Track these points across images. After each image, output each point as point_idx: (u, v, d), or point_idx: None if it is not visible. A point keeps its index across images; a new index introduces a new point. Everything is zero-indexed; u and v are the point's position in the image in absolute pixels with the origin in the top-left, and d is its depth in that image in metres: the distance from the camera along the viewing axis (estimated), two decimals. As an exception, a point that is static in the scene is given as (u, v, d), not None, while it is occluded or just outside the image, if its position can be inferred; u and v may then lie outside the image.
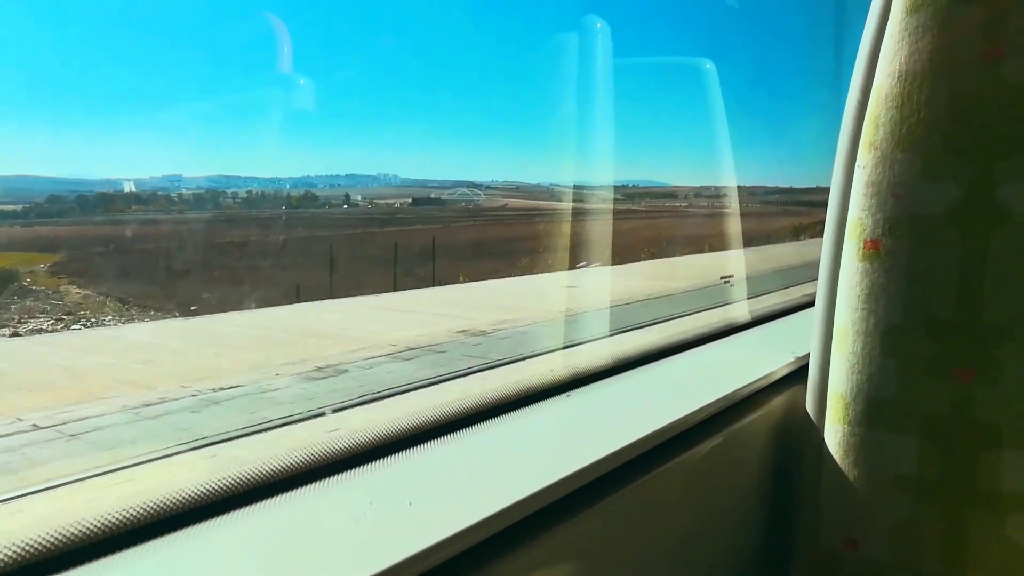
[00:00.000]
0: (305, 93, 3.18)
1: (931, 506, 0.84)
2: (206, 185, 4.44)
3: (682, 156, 8.01)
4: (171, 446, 2.38)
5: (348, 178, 6.64)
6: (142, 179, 3.88)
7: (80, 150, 3.93)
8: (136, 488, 0.51)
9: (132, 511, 0.48)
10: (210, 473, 0.54)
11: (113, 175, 3.78)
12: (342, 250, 5.79)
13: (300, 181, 5.74)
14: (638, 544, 0.74)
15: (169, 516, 0.50)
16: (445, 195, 8.12)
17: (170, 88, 3.71)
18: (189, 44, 3.53)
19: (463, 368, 4.10)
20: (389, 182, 7.34)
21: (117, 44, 3.33)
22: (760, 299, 1.79)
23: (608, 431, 0.74)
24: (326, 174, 6.23)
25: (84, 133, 3.87)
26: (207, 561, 0.47)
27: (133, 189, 3.80)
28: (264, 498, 0.55)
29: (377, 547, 0.49)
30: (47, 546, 0.44)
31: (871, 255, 0.85)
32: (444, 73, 8.24)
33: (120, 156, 3.69)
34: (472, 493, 0.59)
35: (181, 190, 4.14)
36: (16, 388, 3.10)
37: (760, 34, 3.77)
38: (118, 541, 0.47)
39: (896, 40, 0.83)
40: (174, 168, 4.02)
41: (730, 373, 0.97)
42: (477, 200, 8.24)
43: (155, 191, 3.94)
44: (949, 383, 0.82)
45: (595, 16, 2.08)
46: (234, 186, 4.67)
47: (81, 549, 0.45)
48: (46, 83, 3.38)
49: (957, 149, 0.80)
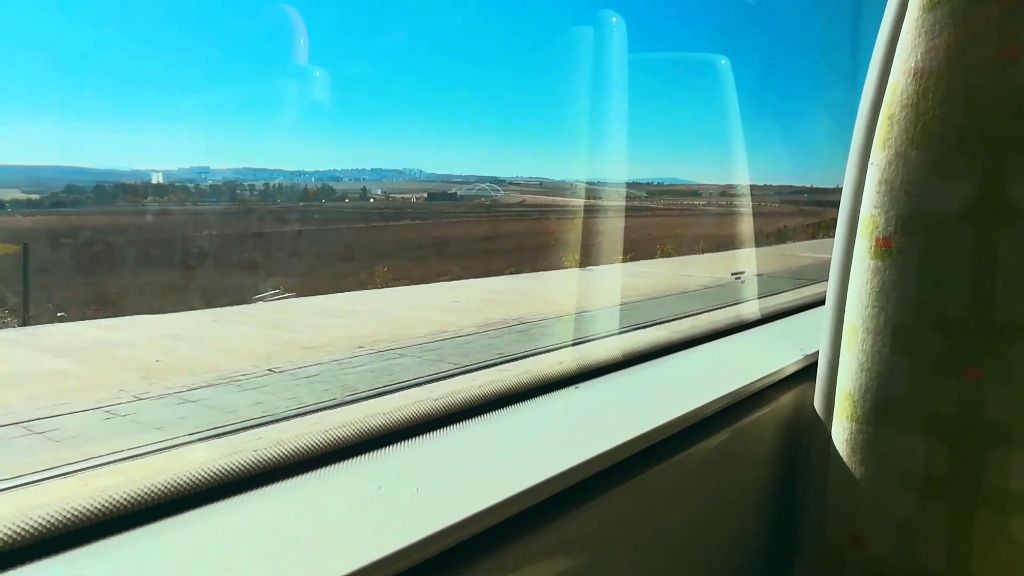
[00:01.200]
0: (335, 88, 3.20)
1: (938, 504, 0.84)
2: (232, 177, 4.47)
3: (708, 154, 7.95)
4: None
5: (373, 172, 6.62)
6: (170, 170, 3.92)
7: (116, 142, 3.98)
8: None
9: (141, 492, 0.49)
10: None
11: (142, 166, 3.82)
12: (319, 244, 5.79)
13: (325, 175, 5.76)
14: (644, 535, 0.74)
15: (179, 497, 0.51)
16: (464, 190, 8.09)
17: (205, 81, 3.76)
18: (224, 41, 3.56)
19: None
20: (414, 177, 7.32)
21: (156, 40, 3.37)
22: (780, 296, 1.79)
23: (616, 424, 0.75)
24: (352, 168, 6.23)
25: (121, 125, 3.92)
26: (216, 541, 0.48)
27: (161, 180, 3.85)
28: (274, 481, 0.56)
29: (383, 532, 0.50)
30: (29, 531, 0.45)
31: (883, 252, 0.85)
32: (474, 69, 8.23)
33: (153, 148, 3.72)
34: (480, 481, 0.60)
35: (208, 181, 4.18)
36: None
37: (787, 35, 3.76)
38: (125, 521, 0.48)
39: (912, 37, 0.83)
40: (202, 160, 4.06)
41: (739, 369, 0.97)
42: (495, 196, 8.21)
43: (182, 182, 3.98)
44: (958, 381, 0.82)
45: (616, 12, 2.08)
46: (260, 178, 4.72)
47: (79, 531, 0.46)
48: (85, 75, 3.42)
49: (970, 147, 0.80)
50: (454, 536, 0.52)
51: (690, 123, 8.50)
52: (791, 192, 8.53)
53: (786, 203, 8.94)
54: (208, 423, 2.94)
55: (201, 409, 3.15)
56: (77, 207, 3.60)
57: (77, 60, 3.29)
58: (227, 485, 0.53)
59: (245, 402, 3.30)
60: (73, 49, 3.17)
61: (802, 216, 9.18)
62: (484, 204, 8.14)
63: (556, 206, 7.75)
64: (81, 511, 0.46)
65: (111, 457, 2.17)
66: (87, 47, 3.28)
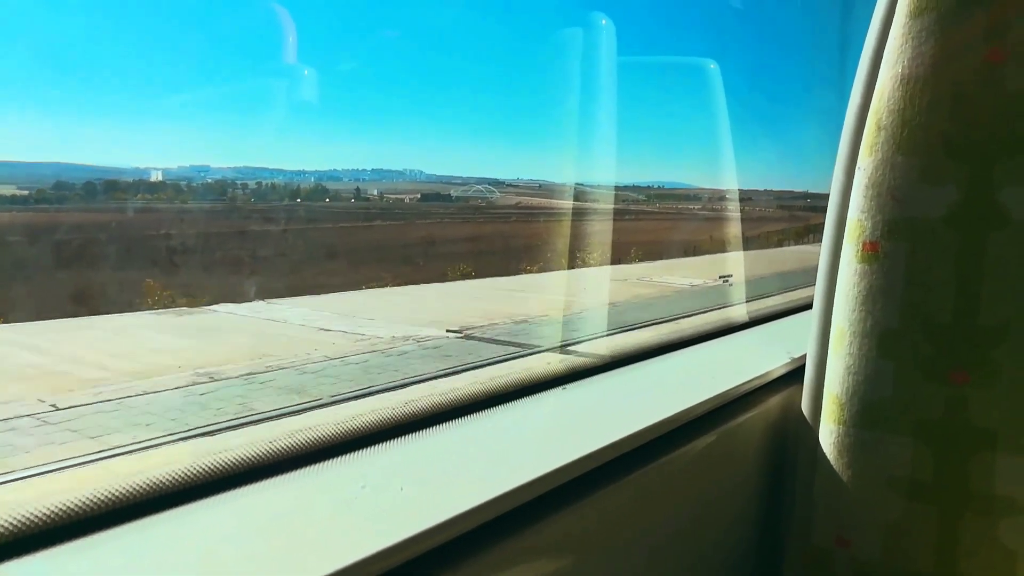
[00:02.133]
0: (338, 87, 3.19)
1: (924, 507, 0.84)
2: (231, 176, 4.44)
3: (708, 159, 7.99)
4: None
5: (374, 172, 6.59)
6: (169, 168, 3.89)
7: (123, 139, 3.96)
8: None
9: (121, 490, 0.49)
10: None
11: (143, 164, 3.79)
12: (299, 243, 5.57)
13: (325, 174, 5.73)
14: (630, 537, 0.74)
15: (162, 495, 0.50)
16: (460, 191, 8.10)
17: (205, 78, 3.75)
18: (225, 38, 3.56)
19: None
20: (414, 178, 7.30)
21: (161, 38, 3.36)
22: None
23: (603, 425, 0.75)
24: (352, 168, 6.20)
25: (125, 123, 3.90)
26: (199, 540, 0.48)
27: (160, 178, 3.82)
28: (257, 480, 0.55)
29: (366, 531, 0.50)
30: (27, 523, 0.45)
31: (869, 257, 0.86)
32: (478, 69, 8.23)
33: (154, 145, 3.71)
34: (465, 481, 0.60)
35: (207, 179, 4.15)
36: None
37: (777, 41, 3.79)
38: (106, 519, 0.48)
39: (899, 43, 0.83)
40: (203, 158, 4.03)
41: (727, 371, 0.97)
42: (490, 197, 8.22)
43: (177, 180, 3.95)
44: (944, 385, 0.82)
45: (617, 16, 2.09)
46: (260, 177, 4.67)
47: (59, 529, 0.46)
48: (87, 71, 3.41)
49: (957, 152, 0.80)
50: (438, 536, 0.52)
51: (690, 127, 8.53)
52: (790, 197, 8.57)
53: (783, 207, 8.99)
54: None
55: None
56: (60, 204, 3.57)
57: (75, 57, 3.28)
58: (211, 483, 0.53)
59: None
60: (71, 47, 3.17)
61: (795, 221, 9.23)
62: (475, 206, 8.12)
63: (548, 208, 7.74)
64: (62, 508, 0.46)
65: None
66: (84, 44, 3.27)
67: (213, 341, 4.36)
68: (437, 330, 4.74)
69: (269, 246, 5.37)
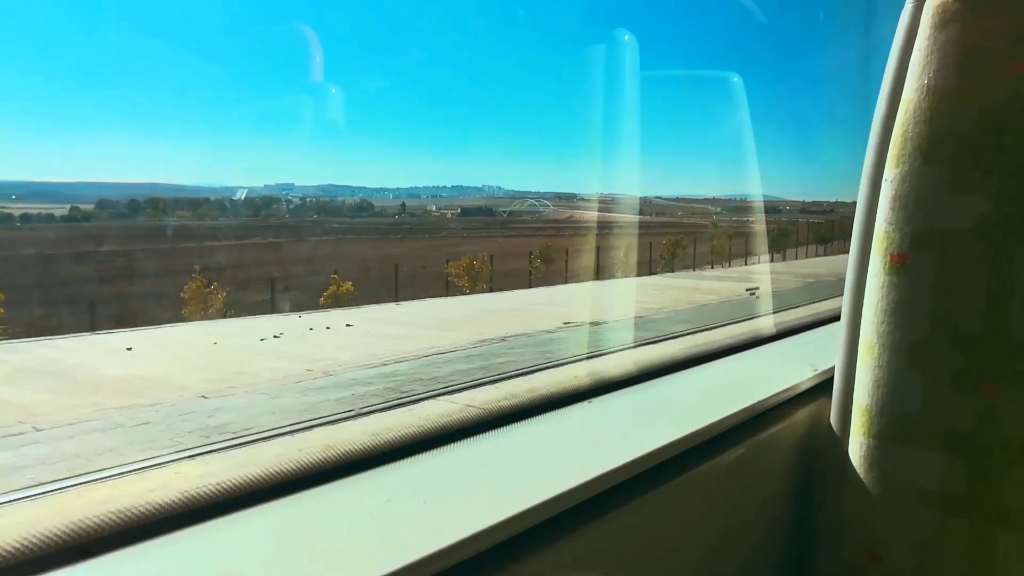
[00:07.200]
0: (428, 108, 3.26)
1: (957, 521, 0.83)
2: (313, 194, 4.62)
3: (792, 171, 7.93)
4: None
5: (454, 189, 6.77)
6: (256, 187, 4.03)
7: (222, 160, 4.14)
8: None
9: (154, 504, 0.50)
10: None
11: (231, 183, 3.96)
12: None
13: (406, 191, 5.89)
14: (659, 551, 0.74)
15: (193, 509, 0.52)
16: (514, 206, 8.25)
17: (301, 101, 3.90)
18: (331, 71, 3.66)
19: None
20: (492, 193, 7.50)
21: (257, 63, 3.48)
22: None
23: (630, 438, 0.75)
24: (432, 184, 6.37)
25: (220, 144, 4.05)
26: (227, 552, 0.49)
27: (245, 196, 3.98)
28: (285, 494, 0.57)
29: (389, 545, 0.50)
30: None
31: (898, 269, 0.85)
32: (557, 87, 8.39)
33: (244, 166, 3.86)
34: (489, 495, 0.61)
35: (291, 197, 4.32)
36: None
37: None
38: (139, 533, 0.49)
39: (924, 55, 0.83)
40: (289, 177, 4.23)
41: (754, 384, 0.96)
42: (543, 211, 8.35)
43: (266, 198, 4.10)
44: (975, 397, 0.81)
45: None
46: (342, 195, 4.87)
47: (90, 543, 0.47)
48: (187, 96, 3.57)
49: (984, 163, 0.80)
50: (462, 551, 0.52)
51: (780, 141, 8.56)
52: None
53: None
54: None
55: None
56: (92, 221, 3.73)
57: (169, 88, 3.42)
58: (241, 497, 0.54)
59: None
60: (170, 80, 3.31)
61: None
62: (517, 221, 8.25)
63: (593, 222, 7.84)
64: (91, 523, 0.47)
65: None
66: (176, 70, 3.42)
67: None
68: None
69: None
